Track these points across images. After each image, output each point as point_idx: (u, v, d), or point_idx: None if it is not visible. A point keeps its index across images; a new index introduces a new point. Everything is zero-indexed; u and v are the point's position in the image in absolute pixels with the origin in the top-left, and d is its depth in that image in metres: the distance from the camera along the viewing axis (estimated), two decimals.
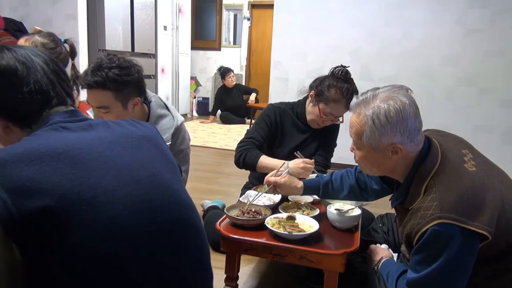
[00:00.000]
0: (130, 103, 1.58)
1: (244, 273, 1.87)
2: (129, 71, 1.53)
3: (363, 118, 1.13)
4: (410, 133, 1.10)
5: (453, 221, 1.00)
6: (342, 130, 2.25)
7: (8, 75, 0.82)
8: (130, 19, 4.93)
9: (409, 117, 1.09)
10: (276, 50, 4.08)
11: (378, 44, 3.75)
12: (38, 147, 0.74)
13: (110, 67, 1.49)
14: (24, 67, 0.84)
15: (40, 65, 0.86)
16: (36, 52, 0.88)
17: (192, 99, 7.33)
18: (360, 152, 1.21)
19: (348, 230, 1.46)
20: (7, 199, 0.67)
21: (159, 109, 1.75)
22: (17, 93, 0.82)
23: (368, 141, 1.14)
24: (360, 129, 1.15)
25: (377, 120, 1.09)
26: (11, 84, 0.82)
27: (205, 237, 0.95)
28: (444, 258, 1.03)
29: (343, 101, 1.86)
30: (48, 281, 0.71)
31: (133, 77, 1.54)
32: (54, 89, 0.87)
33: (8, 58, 0.83)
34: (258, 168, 1.87)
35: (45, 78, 0.86)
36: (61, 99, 0.89)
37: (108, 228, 0.74)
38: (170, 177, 0.89)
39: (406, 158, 1.16)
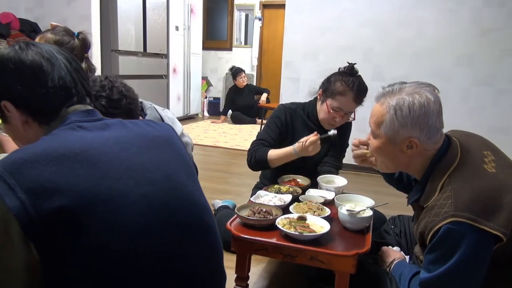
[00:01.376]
0: None
1: (254, 273, 1.86)
2: (117, 104, 1.39)
3: (385, 107, 1.14)
4: (429, 131, 1.10)
5: (467, 220, 0.99)
6: (354, 130, 2.23)
7: (34, 70, 0.83)
8: (143, 19, 4.97)
9: (431, 114, 1.09)
10: (288, 50, 4.07)
11: (391, 44, 3.72)
12: (56, 147, 0.74)
13: (98, 96, 1.37)
14: (48, 63, 0.85)
15: (64, 63, 0.88)
16: (59, 50, 0.90)
17: (203, 99, 7.36)
18: (376, 142, 1.22)
19: (359, 231, 1.45)
20: (26, 199, 0.67)
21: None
22: (41, 88, 0.83)
23: (386, 131, 1.15)
24: (381, 118, 1.16)
25: (399, 111, 1.10)
26: (36, 79, 0.83)
27: (219, 238, 0.95)
28: (457, 257, 1.01)
29: (349, 94, 1.84)
30: (65, 280, 0.72)
31: (121, 111, 1.40)
32: (76, 86, 0.89)
33: (34, 53, 0.85)
34: (270, 163, 1.88)
35: (68, 75, 0.87)
36: (81, 97, 0.90)
37: (124, 228, 0.74)
38: (185, 178, 0.89)
39: (422, 155, 1.16)
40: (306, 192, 1.76)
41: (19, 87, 0.83)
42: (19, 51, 0.84)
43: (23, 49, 0.85)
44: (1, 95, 0.84)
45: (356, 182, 3.41)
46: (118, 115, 1.39)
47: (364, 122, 4.02)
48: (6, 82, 0.83)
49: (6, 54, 0.84)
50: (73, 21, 4.27)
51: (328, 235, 1.36)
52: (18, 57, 0.84)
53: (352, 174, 3.68)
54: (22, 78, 0.83)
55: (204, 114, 7.44)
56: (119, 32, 4.53)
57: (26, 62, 0.83)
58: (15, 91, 0.83)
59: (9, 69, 0.83)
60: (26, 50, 0.85)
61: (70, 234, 0.70)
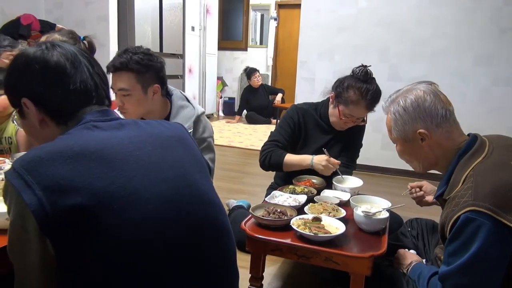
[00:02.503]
0: (150, 89, 1.64)
1: (269, 273, 1.86)
2: (151, 58, 1.64)
3: (389, 115, 1.29)
4: (432, 119, 1.18)
5: (486, 210, 0.98)
6: (368, 131, 2.21)
7: (58, 72, 0.85)
8: (159, 20, 5.02)
9: (426, 104, 1.19)
10: (303, 50, 4.06)
11: (407, 43, 3.67)
12: (72, 146, 0.76)
13: (135, 52, 1.61)
14: (72, 66, 0.86)
15: (86, 66, 0.89)
16: (82, 52, 0.91)
17: (218, 99, 7.39)
18: (397, 147, 1.32)
19: (375, 233, 1.43)
20: (42, 196, 0.69)
21: (180, 101, 1.82)
22: (63, 90, 0.85)
23: (396, 133, 1.26)
24: (389, 124, 1.30)
25: (397, 113, 1.24)
26: (59, 81, 0.85)
27: (233, 237, 0.95)
28: (475, 248, 0.99)
29: (362, 102, 1.83)
30: (79, 275, 0.73)
31: (155, 64, 1.64)
32: (96, 90, 0.90)
33: (59, 55, 0.86)
34: (284, 167, 1.89)
35: (89, 79, 0.89)
36: (101, 100, 0.91)
37: (137, 227, 0.75)
38: (198, 177, 0.90)
39: (445, 149, 1.20)
40: (321, 193, 1.75)
41: (42, 87, 0.84)
42: (46, 52, 0.86)
43: (49, 50, 0.86)
44: (23, 92, 0.85)
45: (371, 183, 3.37)
46: (152, 68, 1.62)
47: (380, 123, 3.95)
48: (29, 80, 0.85)
49: (32, 54, 0.86)
50: (91, 22, 4.34)
51: (343, 236, 1.35)
52: (43, 58, 0.85)
53: (367, 175, 3.65)
54: (45, 78, 0.85)
55: (219, 114, 7.47)
56: (136, 32, 4.59)
57: (51, 64, 0.85)
58: (37, 90, 0.84)
59: (34, 68, 0.84)
60: (52, 51, 0.86)
61: (85, 231, 0.71)
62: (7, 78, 0.88)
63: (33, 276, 0.74)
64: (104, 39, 4.31)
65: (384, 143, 3.79)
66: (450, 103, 1.22)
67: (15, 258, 0.77)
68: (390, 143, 1.37)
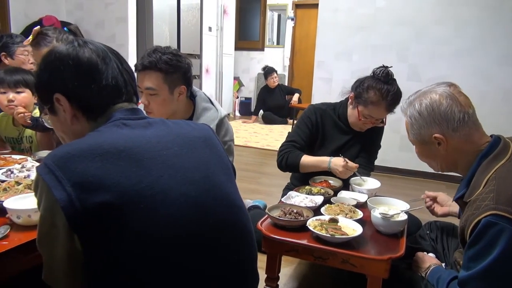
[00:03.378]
0: (176, 90, 1.66)
1: (284, 274, 1.86)
2: (180, 59, 1.65)
3: (406, 118, 1.27)
4: (448, 123, 1.15)
5: (508, 214, 0.95)
6: (386, 131, 2.18)
7: (90, 68, 0.87)
8: (177, 20, 5.06)
9: (442, 108, 1.15)
10: (320, 50, 4.03)
11: (427, 43, 3.61)
12: (101, 143, 0.77)
13: (164, 52, 1.63)
14: (103, 62, 0.88)
15: (116, 62, 0.91)
16: (112, 50, 0.93)
17: (234, 99, 7.41)
18: (415, 149, 1.31)
19: (393, 235, 1.41)
20: (72, 193, 0.70)
21: (204, 103, 1.83)
22: (95, 85, 0.87)
23: (413, 136, 1.25)
24: (407, 127, 1.29)
25: (413, 117, 1.22)
26: (91, 77, 0.87)
27: (254, 239, 0.95)
28: (496, 253, 0.96)
29: (382, 103, 1.80)
30: (105, 270, 0.74)
31: (183, 65, 1.66)
32: (126, 86, 0.92)
33: (90, 52, 0.88)
34: (301, 168, 1.88)
35: (119, 75, 0.90)
36: (130, 96, 0.93)
37: (162, 226, 0.76)
38: (223, 179, 0.90)
39: (464, 152, 1.17)
40: (338, 194, 1.73)
41: (75, 83, 0.86)
42: (78, 48, 0.87)
43: (81, 46, 0.88)
44: (56, 88, 0.87)
45: (389, 185, 3.33)
46: (180, 69, 1.64)
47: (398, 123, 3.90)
48: (63, 76, 0.86)
49: (65, 50, 0.87)
50: (110, 23, 4.41)
51: (360, 238, 1.33)
52: (76, 54, 0.87)
53: (385, 177, 3.60)
54: (78, 74, 0.86)
55: (235, 114, 7.49)
56: (154, 33, 4.63)
57: (84, 60, 0.87)
58: (70, 86, 0.86)
59: (67, 65, 0.86)
60: (84, 48, 0.88)
61: (112, 228, 0.73)
62: (39, 74, 0.90)
63: (60, 268, 0.76)
64: (123, 40, 4.37)
65: (402, 144, 3.74)
66: (470, 105, 1.17)
67: (43, 250, 0.79)
68: (409, 144, 1.35)
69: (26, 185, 1.31)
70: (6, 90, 1.96)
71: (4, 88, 1.96)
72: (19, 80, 1.97)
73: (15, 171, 1.49)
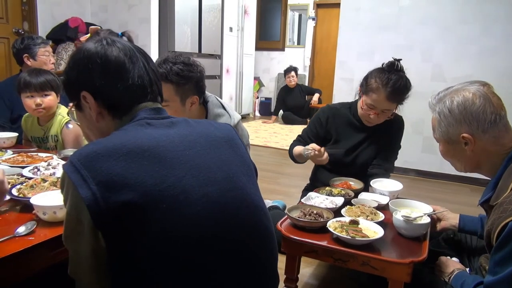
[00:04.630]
0: (188, 101, 1.64)
1: (303, 275, 1.85)
2: (191, 69, 1.60)
3: (434, 115, 1.24)
4: (479, 124, 1.12)
5: None
6: (408, 133, 2.14)
7: (117, 67, 0.88)
8: (198, 21, 5.11)
9: (474, 108, 1.12)
10: (342, 49, 3.99)
11: (453, 42, 3.52)
12: (126, 143, 0.78)
13: (174, 62, 1.58)
14: (130, 61, 0.90)
15: (142, 61, 0.92)
16: (139, 49, 0.94)
17: (255, 99, 7.42)
18: (440, 147, 1.28)
19: (415, 238, 1.38)
20: (97, 191, 0.72)
21: (216, 109, 1.80)
22: (122, 84, 0.88)
23: (439, 134, 1.22)
24: (433, 124, 1.26)
25: (442, 114, 1.19)
26: (118, 75, 0.88)
27: (275, 242, 0.95)
28: None
29: (382, 91, 1.77)
30: (128, 267, 0.76)
31: (194, 75, 1.61)
32: (151, 86, 0.93)
33: (118, 50, 0.89)
34: (294, 157, 2.01)
35: (146, 75, 0.92)
36: (155, 96, 0.94)
37: (184, 227, 0.76)
38: (245, 181, 0.90)
39: (491, 154, 1.14)
40: (358, 196, 1.71)
41: (102, 81, 0.88)
42: (106, 47, 0.89)
43: (110, 45, 0.90)
44: (83, 86, 0.89)
45: (411, 187, 3.27)
46: (191, 80, 1.60)
47: (422, 124, 3.84)
48: (90, 74, 0.88)
49: (94, 49, 0.89)
50: (133, 24, 4.49)
51: (381, 240, 1.31)
52: (104, 53, 0.88)
53: (407, 179, 3.54)
54: (106, 73, 0.88)
55: (255, 114, 7.50)
56: (176, 33, 4.69)
57: (112, 58, 0.88)
58: (97, 84, 0.88)
59: (95, 63, 0.88)
60: (112, 47, 0.89)
61: (135, 227, 0.74)
62: (68, 72, 0.92)
63: (84, 264, 0.78)
64: (146, 40, 4.44)
65: (425, 146, 3.66)
66: (502, 107, 1.15)
67: (69, 245, 0.81)
68: (432, 145, 1.32)
69: (52, 183, 1.35)
70: (33, 94, 2.00)
71: (31, 92, 2.00)
72: (45, 84, 2.01)
73: (42, 168, 1.53)
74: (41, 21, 4.00)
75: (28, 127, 2.20)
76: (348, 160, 1.98)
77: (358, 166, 1.99)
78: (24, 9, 3.86)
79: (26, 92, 2.00)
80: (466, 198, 3.14)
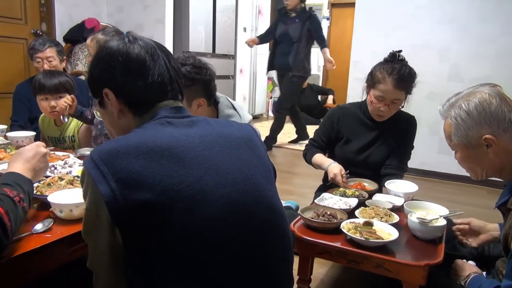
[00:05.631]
0: (194, 102, 1.62)
1: (316, 276, 1.84)
2: (200, 71, 1.59)
3: (449, 120, 1.20)
4: (500, 123, 1.10)
5: None
6: (424, 134, 2.12)
7: (139, 64, 0.89)
8: (212, 21, 5.13)
9: (493, 108, 1.11)
10: (356, 49, 3.96)
11: (471, 41, 3.46)
12: (146, 141, 0.79)
13: (184, 63, 1.57)
14: (151, 59, 0.90)
15: (164, 59, 0.93)
16: (160, 47, 0.95)
17: (268, 99, 7.41)
18: (458, 154, 1.24)
19: (431, 241, 1.36)
20: (116, 188, 0.72)
21: (227, 110, 1.79)
22: (142, 82, 0.89)
23: (457, 139, 1.18)
24: (449, 130, 1.21)
25: (459, 117, 1.16)
26: (139, 73, 0.89)
27: (292, 243, 0.95)
28: None
29: (388, 80, 1.79)
30: (142, 265, 0.77)
31: (202, 78, 1.59)
32: (171, 83, 0.93)
33: (140, 48, 0.90)
34: (313, 165, 2.03)
35: (166, 73, 0.92)
36: (175, 94, 0.94)
37: (201, 228, 0.77)
38: (263, 182, 0.89)
39: (510, 154, 1.11)
40: (373, 197, 1.69)
41: (123, 79, 0.89)
42: (128, 44, 0.90)
43: (131, 43, 0.91)
44: (105, 83, 0.90)
45: (427, 189, 3.22)
46: (198, 82, 1.58)
47: (437, 125, 3.78)
48: (112, 72, 0.89)
49: (116, 46, 0.90)
50: (148, 25, 4.53)
51: (396, 243, 1.30)
52: (126, 50, 0.89)
53: (423, 180, 3.49)
54: (127, 70, 0.89)
55: (268, 114, 7.49)
56: (190, 34, 4.72)
57: (133, 56, 0.89)
58: (118, 81, 0.89)
59: (117, 60, 0.89)
60: (134, 44, 0.91)
61: (151, 225, 0.74)
62: (91, 69, 0.94)
63: (102, 258, 0.79)
64: (160, 40, 4.41)
65: (441, 147, 3.60)
66: None
67: (88, 240, 0.83)
68: (448, 147, 1.29)
69: (68, 181, 1.37)
70: (48, 96, 2.03)
71: (46, 95, 2.03)
72: (59, 86, 2.03)
73: (58, 167, 1.55)
74: (59, 22, 4.06)
75: (45, 127, 2.24)
76: (360, 159, 1.96)
77: (370, 166, 1.97)
78: (42, 10, 3.93)
79: (41, 94, 2.03)
80: (483, 200, 3.08)
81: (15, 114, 2.69)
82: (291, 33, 4.33)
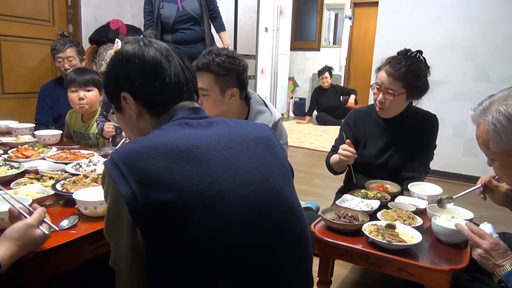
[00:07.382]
0: (228, 92, 1.68)
1: (337, 278, 1.82)
2: (233, 61, 1.65)
3: (484, 127, 1.11)
4: None
5: None
6: (449, 135, 2.06)
7: (155, 66, 0.91)
8: (234, 21, 5.15)
9: None
10: (379, 49, 3.90)
11: (498, 40, 3.36)
12: (165, 142, 0.80)
13: (218, 54, 1.64)
14: (166, 61, 0.92)
15: (178, 60, 0.95)
16: (174, 48, 0.97)
17: (289, 100, 7.39)
18: (496, 163, 1.16)
19: (455, 245, 1.33)
20: (136, 189, 0.74)
21: (258, 106, 1.83)
22: (159, 83, 0.91)
23: (497, 147, 1.10)
24: (485, 137, 1.12)
25: (499, 123, 1.07)
26: (156, 75, 0.91)
27: (310, 245, 0.94)
28: None
29: (384, 68, 1.82)
30: (162, 265, 0.78)
31: (236, 67, 1.66)
32: (187, 83, 0.95)
33: (155, 50, 0.92)
34: (333, 167, 2.00)
35: (181, 73, 0.94)
36: (190, 94, 0.96)
37: (220, 228, 0.77)
38: (281, 182, 0.89)
39: None
40: (395, 199, 1.66)
41: (141, 81, 0.91)
42: (143, 47, 0.92)
43: (146, 46, 0.93)
44: (123, 86, 0.92)
45: (452, 192, 3.12)
46: (232, 71, 1.64)
47: (462, 126, 3.69)
48: (130, 75, 0.91)
49: (132, 50, 0.92)
50: None
51: (419, 246, 1.27)
52: (142, 53, 0.91)
53: (447, 183, 3.40)
54: (144, 72, 0.91)
55: (289, 115, 7.48)
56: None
57: (149, 58, 0.91)
58: (136, 83, 0.91)
59: (134, 63, 0.91)
60: (149, 47, 0.92)
61: (172, 225, 0.75)
62: (109, 74, 0.97)
63: (124, 257, 0.81)
64: None
65: (466, 149, 3.51)
66: None
67: (110, 239, 0.85)
68: (474, 149, 1.25)
69: (93, 179, 1.40)
70: (77, 88, 2.14)
71: (75, 87, 2.14)
72: (88, 80, 2.16)
73: (83, 165, 1.60)
74: (85, 24, 4.16)
75: (72, 122, 2.32)
76: (379, 163, 1.93)
77: (391, 169, 1.94)
78: (69, 12, 4.03)
79: (71, 87, 2.15)
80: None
81: (38, 113, 2.85)
82: None
